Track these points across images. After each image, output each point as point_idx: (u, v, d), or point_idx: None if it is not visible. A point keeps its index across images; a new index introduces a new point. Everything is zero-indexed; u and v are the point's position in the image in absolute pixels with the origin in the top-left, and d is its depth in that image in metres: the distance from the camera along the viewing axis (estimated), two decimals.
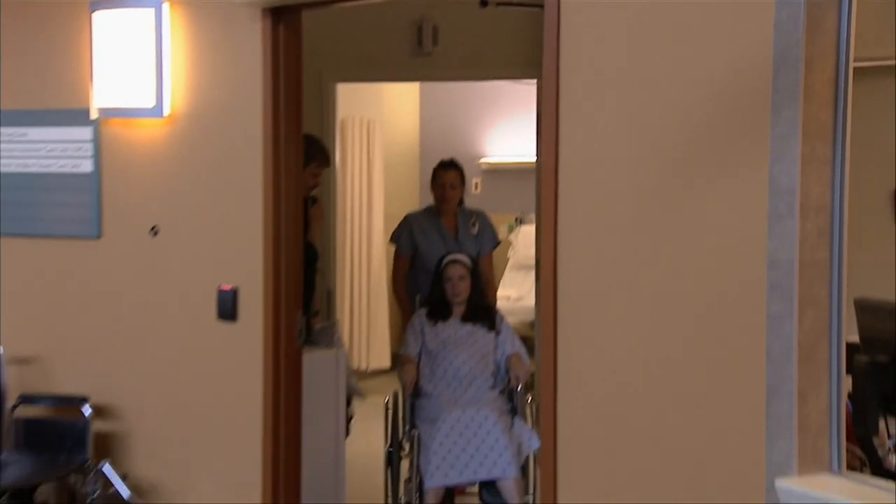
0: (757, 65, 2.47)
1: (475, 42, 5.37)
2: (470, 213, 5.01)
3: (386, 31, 5.41)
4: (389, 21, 5.38)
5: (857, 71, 2.45)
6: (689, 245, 2.65)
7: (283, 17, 3.46)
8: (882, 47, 3.23)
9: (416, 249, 4.91)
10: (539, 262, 4.86)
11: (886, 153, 3.43)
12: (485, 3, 5.01)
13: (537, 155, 5.29)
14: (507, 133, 8.12)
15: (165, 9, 3.60)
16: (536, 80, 5.06)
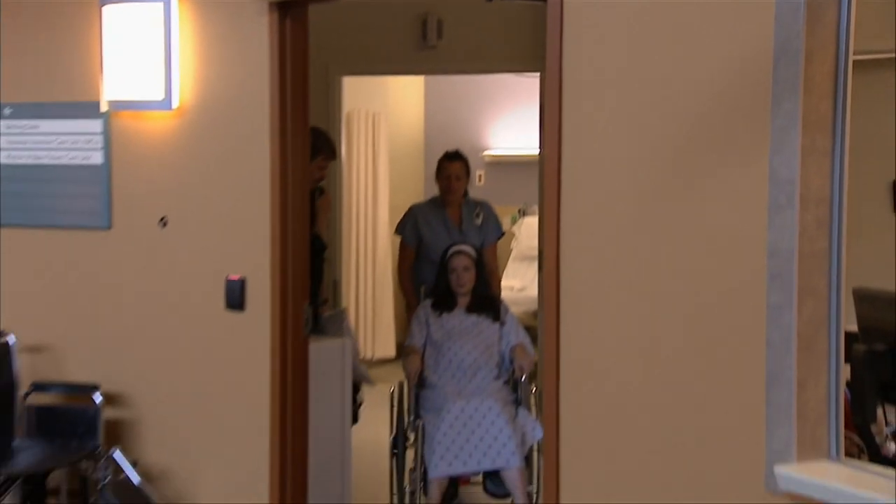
0: (757, 57, 2.47)
1: (479, 36, 5.36)
2: (474, 205, 4.99)
3: (391, 25, 5.40)
4: (394, 15, 5.38)
5: (856, 64, 2.44)
6: (690, 235, 2.65)
7: (290, 11, 3.46)
8: (882, 40, 3.23)
9: (421, 240, 4.88)
10: (542, 253, 4.89)
11: (885, 145, 3.43)
12: None
13: (540, 147, 5.28)
14: (511, 125, 8.11)
15: (174, 3, 3.60)
16: (539, 72, 5.06)
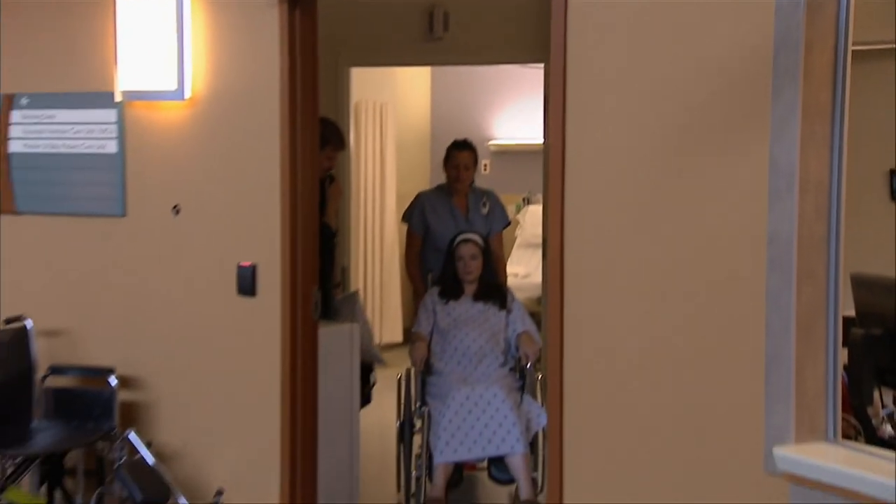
0: (758, 47, 2.46)
1: (484, 27, 5.34)
2: (481, 194, 4.94)
3: (398, 17, 5.39)
4: (402, 7, 5.36)
5: (856, 54, 2.43)
6: (692, 222, 2.65)
7: (300, 3, 3.45)
8: (881, 31, 3.21)
9: (428, 228, 4.84)
10: (546, 241, 4.87)
11: (884, 134, 3.41)
12: None
13: (545, 137, 5.27)
14: (516, 115, 8.10)
15: None
16: (544, 63, 5.05)
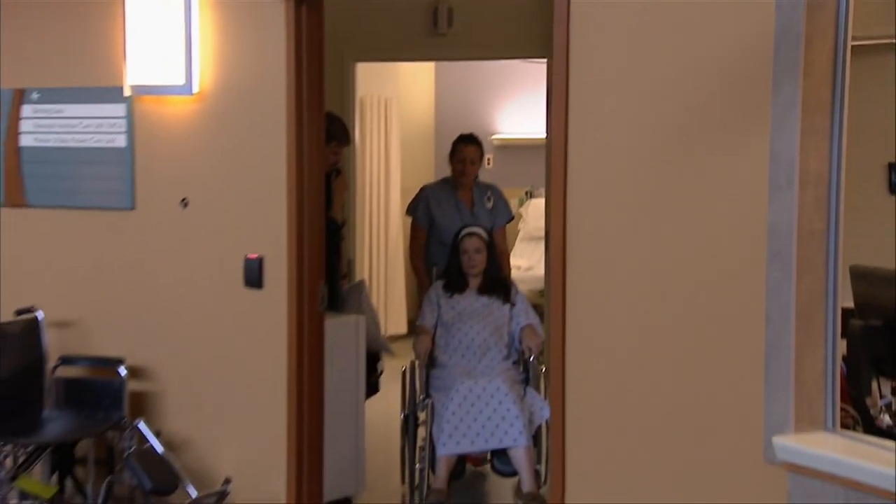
0: (758, 42, 2.45)
1: (488, 23, 5.33)
2: (485, 188, 4.90)
3: (403, 13, 5.38)
4: (406, 3, 5.35)
5: (855, 49, 2.43)
6: (693, 215, 2.65)
7: None
8: (880, 26, 3.20)
9: (433, 222, 4.81)
10: (548, 233, 4.87)
11: (883, 127, 3.41)
12: None
13: (547, 131, 5.27)
14: (519, 110, 8.08)
15: None
16: (546, 59, 5.03)
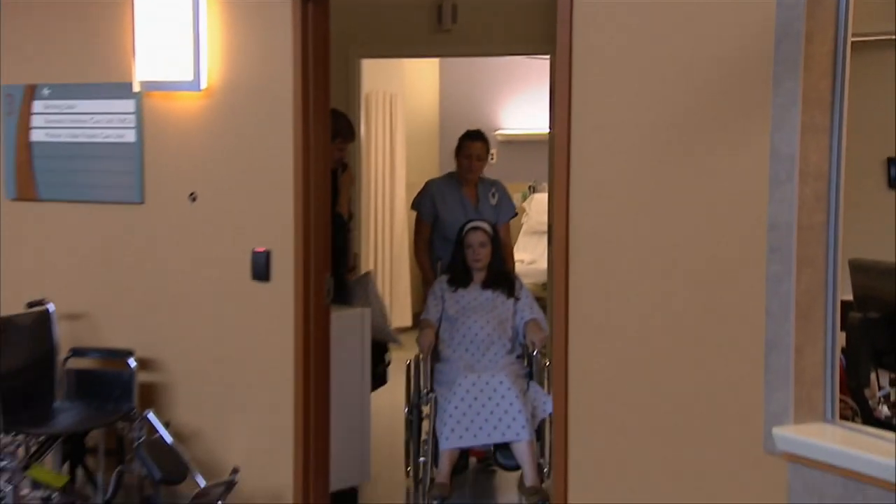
0: (759, 38, 2.45)
1: (492, 20, 5.32)
2: (490, 184, 4.87)
3: (408, 10, 5.37)
4: (411, 0, 5.35)
5: (855, 45, 2.42)
6: (694, 210, 2.65)
7: None
8: (880, 22, 3.20)
9: (437, 217, 4.79)
10: (551, 228, 4.86)
11: (882, 123, 3.41)
12: None
13: (550, 126, 5.26)
14: (522, 106, 8.07)
15: None
16: (550, 55, 5.03)
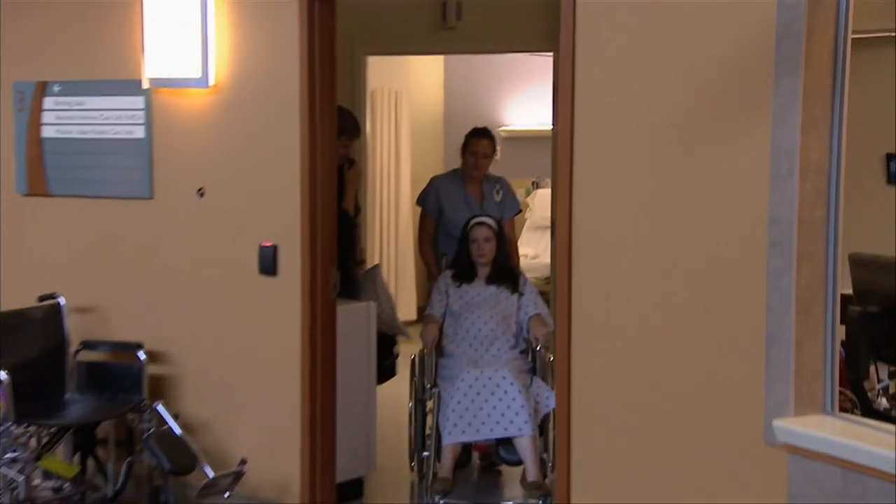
0: (761, 35, 2.45)
1: (496, 17, 5.31)
2: (494, 181, 4.82)
3: (413, 8, 5.37)
4: None
5: (855, 42, 2.42)
6: (695, 205, 2.65)
7: None
8: (880, 20, 3.19)
9: (442, 213, 4.75)
10: (554, 223, 4.86)
11: (881, 119, 3.40)
12: None
13: (553, 123, 5.25)
14: (525, 102, 8.07)
15: None
16: (553, 52, 5.02)
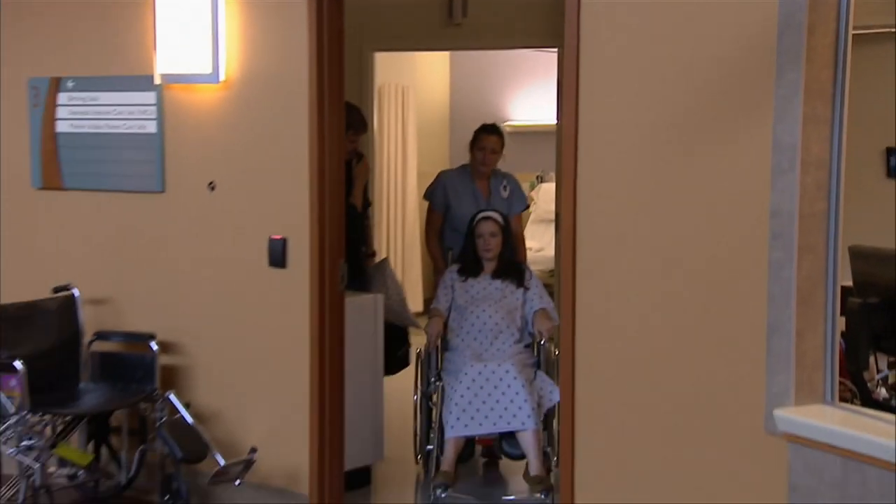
0: (762, 30, 2.44)
1: (501, 14, 5.31)
2: (502, 177, 4.78)
3: (420, 4, 5.36)
4: None
5: (856, 37, 2.41)
6: (698, 198, 2.65)
7: None
8: (880, 16, 3.18)
9: (449, 208, 4.71)
10: (559, 216, 4.86)
11: (882, 114, 3.40)
12: None
13: (558, 118, 5.25)
14: (530, 97, 8.05)
15: None
16: (557, 48, 5.01)
